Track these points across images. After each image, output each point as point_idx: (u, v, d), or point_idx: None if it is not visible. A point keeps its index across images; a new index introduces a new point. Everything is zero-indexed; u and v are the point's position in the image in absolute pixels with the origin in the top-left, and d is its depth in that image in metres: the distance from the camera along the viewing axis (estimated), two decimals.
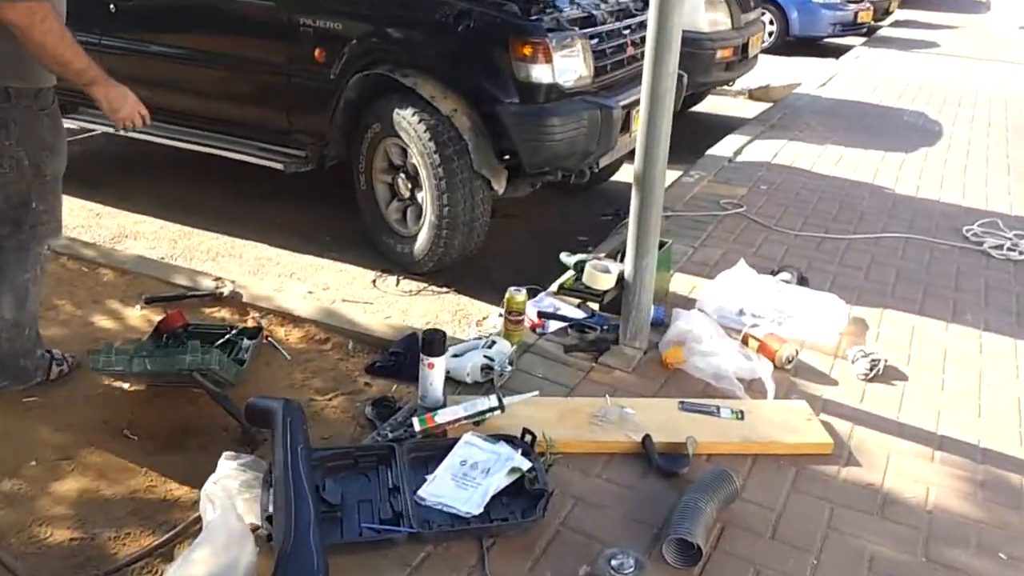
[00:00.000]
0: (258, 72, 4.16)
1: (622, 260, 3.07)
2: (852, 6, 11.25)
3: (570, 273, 3.24)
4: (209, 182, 4.85)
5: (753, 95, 7.83)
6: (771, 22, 10.65)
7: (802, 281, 3.49)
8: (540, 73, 3.64)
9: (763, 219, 4.20)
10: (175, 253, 4.15)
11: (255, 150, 4.29)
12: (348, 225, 4.27)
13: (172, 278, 3.52)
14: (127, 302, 3.38)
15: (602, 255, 3.37)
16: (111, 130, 4.70)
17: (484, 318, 3.57)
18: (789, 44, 10.60)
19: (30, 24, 2.22)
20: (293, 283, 3.84)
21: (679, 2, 2.44)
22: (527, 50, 3.61)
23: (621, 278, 2.89)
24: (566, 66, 3.74)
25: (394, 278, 3.98)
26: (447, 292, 3.89)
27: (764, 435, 2.48)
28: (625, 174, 5.02)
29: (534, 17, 3.76)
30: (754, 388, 2.76)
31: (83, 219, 4.51)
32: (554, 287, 3.29)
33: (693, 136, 6.21)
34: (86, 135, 5.26)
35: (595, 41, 3.97)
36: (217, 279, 3.52)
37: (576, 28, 3.88)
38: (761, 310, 3.18)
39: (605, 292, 2.90)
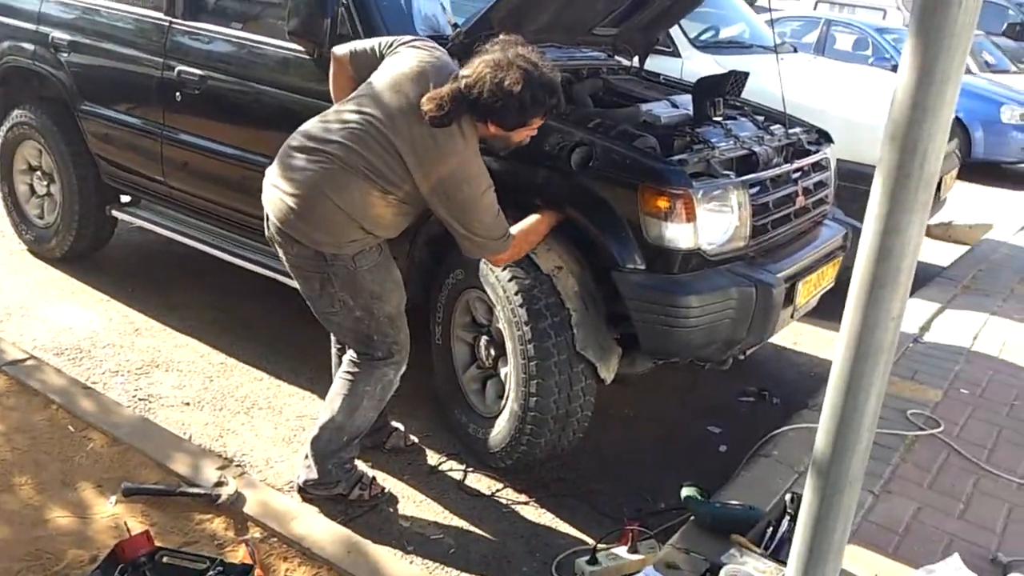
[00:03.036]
0: None
1: (774, 549, 2.06)
2: None
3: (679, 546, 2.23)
4: (273, 301, 4.04)
5: (931, 232, 6.61)
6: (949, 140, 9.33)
7: None
8: (677, 234, 2.70)
9: (968, 449, 3.03)
10: (203, 399, 3.37)
11: None
12: (419, 384, 3.22)
13: (168, 461, 2.70)
14: (104, 487, 2.59)
15: (734, 505, 2.36)
16: (162, 231, 4.08)
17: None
18: (971, 168, 9.24)
19: (511, 259, 2.71)
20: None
21: (920, 205, 1.46)
22: (662, 202, 2.69)
23: None
24: (714, 225, 2.79)
25: (461, 471, 3.08)
26: (526, 503, 2.94)
27: None
28: (779, 338, 3.97)
29: (676, 157, 2.85)
30: None
31: (118, 336, 3.83)
32: None
33: None
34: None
35: (755, 190, 3.00)
36: (222, 467, 2.69)
37: (732, 174, 2.93)
38: None
39: None
